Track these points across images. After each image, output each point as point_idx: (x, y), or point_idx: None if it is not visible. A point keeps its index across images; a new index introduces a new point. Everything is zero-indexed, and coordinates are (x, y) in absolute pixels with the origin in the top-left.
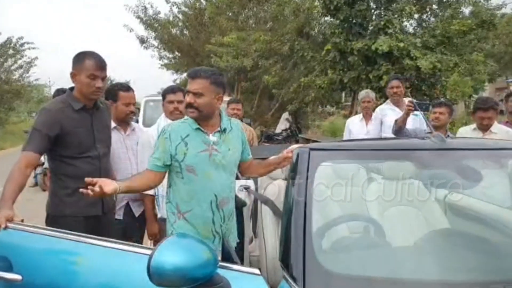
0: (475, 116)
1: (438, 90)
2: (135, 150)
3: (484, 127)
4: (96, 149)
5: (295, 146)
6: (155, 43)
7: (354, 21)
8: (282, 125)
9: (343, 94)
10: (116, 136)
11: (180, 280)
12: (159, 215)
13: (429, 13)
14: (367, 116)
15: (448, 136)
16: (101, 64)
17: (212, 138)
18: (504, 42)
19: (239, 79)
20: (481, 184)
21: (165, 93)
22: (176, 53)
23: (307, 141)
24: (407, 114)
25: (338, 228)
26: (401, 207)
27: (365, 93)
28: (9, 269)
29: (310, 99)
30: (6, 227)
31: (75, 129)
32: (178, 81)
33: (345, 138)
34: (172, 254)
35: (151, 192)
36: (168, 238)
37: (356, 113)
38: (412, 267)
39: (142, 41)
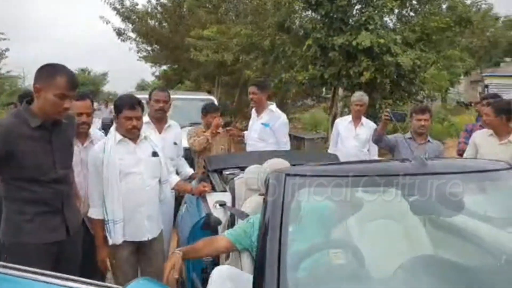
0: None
1: (417, 86)
2: None
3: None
4: (56, 172)
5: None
6: (133, 35)
7: (335, 16)
8: None
9: (324, 89)
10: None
11: None
12: (110, 242)
13: (409, 8)
14: (357, 119)
15: (429, 141)
16: (73, 83)
17: None
18: (479, 37)
19: (220, 73)
20: (464, 207)
21: (121, 107)
22: (155, 45)
23: (289, 136)
24: (384, 124)
25: (314, 258)
26: (382, 232)
27: (360, 96)
28: None
29: (291, 95)
30: None
31: (31, 149)
32: (157, 73)
33: (333, 138)
34: None
35: (100, 216)
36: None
37: (337, 108)
38: None
39: (119, 33)
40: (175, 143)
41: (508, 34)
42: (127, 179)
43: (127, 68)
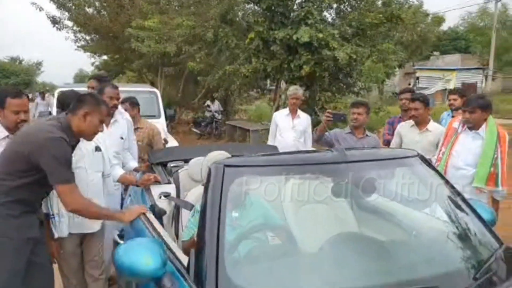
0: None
1: (354, 78)
2: None
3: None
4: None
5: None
6: (70, 23)
7: (276, 10)
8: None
9: (268, 81)
10: None
11: (133, 277)
12: (56, 235)
13: (346, 3)
14: (294, 111)
15: (367, 135)
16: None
17: None
18: (411, 32)
19: (163, 64)
20: (377, 190)
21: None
22: (94, 35)
23: (234, 128)
24: (325, 125)
25: (249, 240)
26: (309, 215)
27: (295, 90)
28: None
29: (235, 87)
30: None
31: None
32: (97, 63)
33: (272, 130)
34: (124, 256)
35: (44, 210)
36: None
37: (281, 100)
38: (313, 277)
39: (55, 21)
40: (121, 138)
41: (436, 30)
42: None
43: (64, 57)
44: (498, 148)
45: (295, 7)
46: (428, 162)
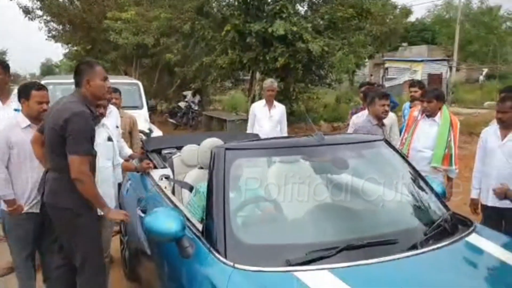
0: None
1: (326, 70)
2: None
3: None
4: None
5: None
6: (41, 13)
7: (251, 3)
8: (182, 105)
9: (241, 72)
10: (30, 135)
11: (159, 237)
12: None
13: None
14: (270, 102)
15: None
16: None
17: None
18: (380, 23)
19: (138, 55)
20: (350, 167)
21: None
22: (67, 25)
23: (211, 118)
24: None
25: (248, 208)
26: (295, 187)
27: (270, 83)
28: None
29: (212, 78)
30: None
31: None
32: (66, 52)
33: (250, 120)
34: (154, 222)
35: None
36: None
37: (255, 91)
38: (298, 234)
39: (27, 12)
40: (116, 127)
41: (404, 21)
42: None
43: (29, 45)
44: (451, 132)
45: (269, 0)
46: (392, 146)
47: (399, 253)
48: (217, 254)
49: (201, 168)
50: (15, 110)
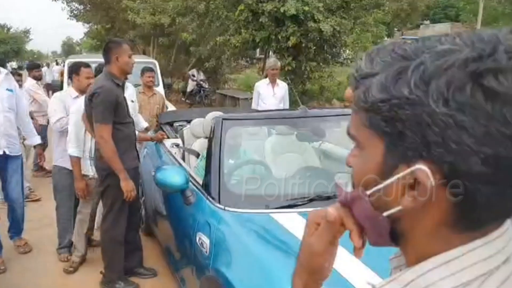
0: None
1: (338, 49)
2: None
3: None
4: (130, 116)
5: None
6: None
7: None
8: (190, 85)
9: (257, 50)
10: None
11: (167, 188)
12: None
13: None
14: (274, 81)
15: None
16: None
17: None
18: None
19: (156, 35)
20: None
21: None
22: (88, 5)
23: (224, 96)
24: None
25: (241, 169)
26: (280, 151)
27: (274, 62)
28: None
29: (226, 57)
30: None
31: (121, 100)
32: (87, 32)
33: (254, 99)
34: (162, 175)
35: (76, 153)
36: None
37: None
38: (277, 187)
39: None
40: (132, 101)
41: None
42: None
43: (50, 24)
44: None
45: None
46: None
47: None
48: (212, 201)
49: (206, 138)
50: (7, 90)
